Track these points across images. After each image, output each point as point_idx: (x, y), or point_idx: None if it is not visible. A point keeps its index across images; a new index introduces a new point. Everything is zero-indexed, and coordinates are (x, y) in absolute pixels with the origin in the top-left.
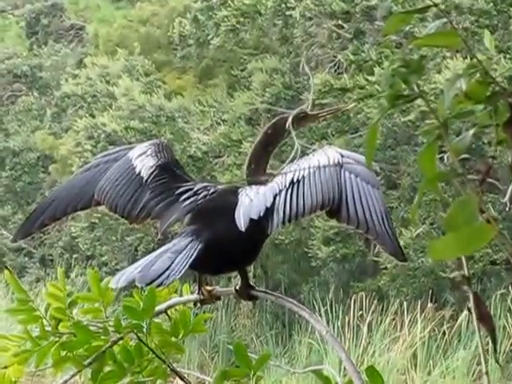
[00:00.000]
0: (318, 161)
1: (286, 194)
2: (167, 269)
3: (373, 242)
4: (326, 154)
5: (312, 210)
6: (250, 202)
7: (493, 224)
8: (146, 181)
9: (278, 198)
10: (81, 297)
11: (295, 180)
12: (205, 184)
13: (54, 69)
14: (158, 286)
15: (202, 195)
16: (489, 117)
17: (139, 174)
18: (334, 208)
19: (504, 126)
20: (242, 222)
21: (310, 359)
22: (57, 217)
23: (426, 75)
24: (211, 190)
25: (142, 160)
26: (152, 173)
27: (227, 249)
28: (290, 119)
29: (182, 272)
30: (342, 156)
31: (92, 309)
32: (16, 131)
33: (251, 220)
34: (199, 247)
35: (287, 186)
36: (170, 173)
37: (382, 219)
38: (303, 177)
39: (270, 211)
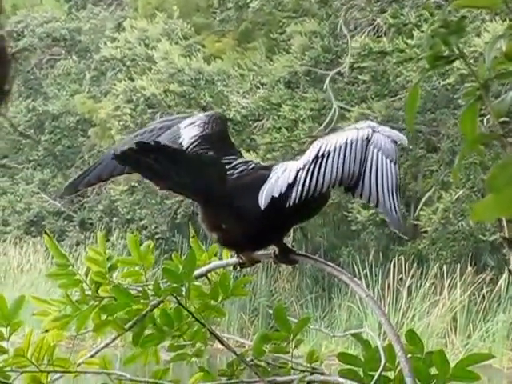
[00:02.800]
0: (346, 136)
1: (308, 169)
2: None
3: (380, 214)
4: (357, 129)
5: (330, 185)
6: (275, 180)
7: None
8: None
9: (300, 173)
10: (121, 261)
11: (319, 155)
12: (246, 159)
13: (93, 32)
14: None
15: (239, 170)
16: None
17: (181, 143)
18: (352, 183)
19: None
20: (262, 201)
21: (350, 323)
22: (103, 178)
23: (465, 38)
24: (251, 166)
25: (188, 130)
26: (193, 143)
27: (251, 223)
28: None
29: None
30: (374, 131)
31: (132, 272)
32: (55, 95)
33: (273, 197)
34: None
35: (310, 161)
36: (213, 145)
37: (392, 195)
38: (328, 152)
39: (290, 187)
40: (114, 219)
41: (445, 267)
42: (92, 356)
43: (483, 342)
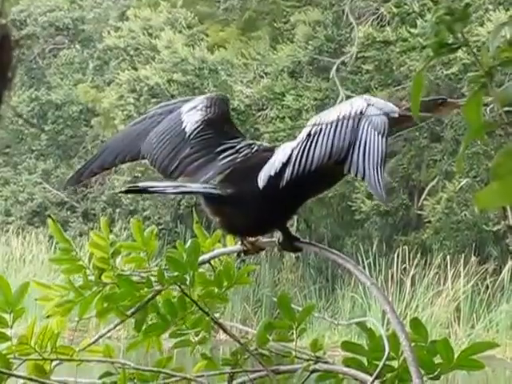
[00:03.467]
0: (339, 112)
1: (301, 147)
2: (173, 186)
3: (367, 188)
4: (351, 105)
5: (321, 161)
6: (273, 160)
7: None
8: (189, 136)
9: (293, 151)
10: (124, 245)
11: (311, 133)
12: (249, 142)
13: (97, 21)
14: (156, 192)
15: (243, 153)
16: None
17: (184, 129)
18: (341, 159)
19: None
20: (260, 180)
21: (353, 313)
22: (105, 166)
23: (468, 27)
24: (254, 149)
25: (191, 114)
26: (196, 128)
27: (253, 206)
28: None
29: (184, 190)
30: (368, 106)
31: (136, 258)
32: (58, 84)
33: (271, 177)
34: (217, 192)
35: (304, 138)
36: (216, 129)
37: (377, 167)
38: (320, 130)
39: (284, 166)
40: (117, 210)
41: (448, 257)
42: (95, 342)
43: (487, 332)
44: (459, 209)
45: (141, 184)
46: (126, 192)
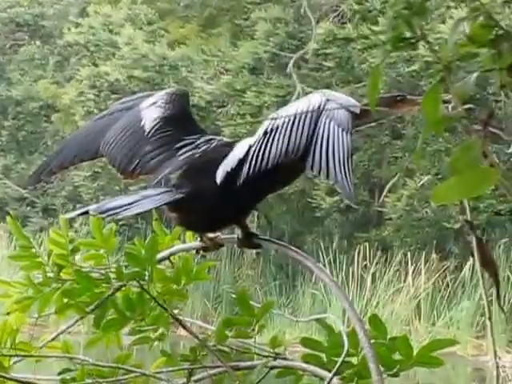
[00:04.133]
0: (297, 107)
1: (258, 144)
2: (125, 205)
3: (332, 186)
4: (309, 100)
5: (277, 158)
6: (231, 156)
7: (496, 168)
8: (148, 134)
9: (251, 148)
10: (83, 243)
11: (268, 130)
12: (209, 137)
13: (57, 17)
14: (109, 216)
15: (202, 149)
16: (492, 61)
17: (143, 126)
18: (303, 154)
19: (508, 70)
20: (218, 177)
21: (314, 310)
22: (65, 165)
23: (429, 25)
24: (213, 144)
25: (150, 111)
26: (155, 125)
27: (209, 203)
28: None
29: (139, 211)
30: (328, 100)
31: (94, 255)
32: (18, 80)
33: (228, 174)
34: (175, 196)
35: (261, 135)
36: (175, 125)
37: (343, 165)
38: (277, 126)
39: (242, 163)
40: (78, 205)
41: (409, 254)
42: (54, 338)
43: (447, 330)
44: (420, 206)
45: (91, 208)
46: (79, 215)
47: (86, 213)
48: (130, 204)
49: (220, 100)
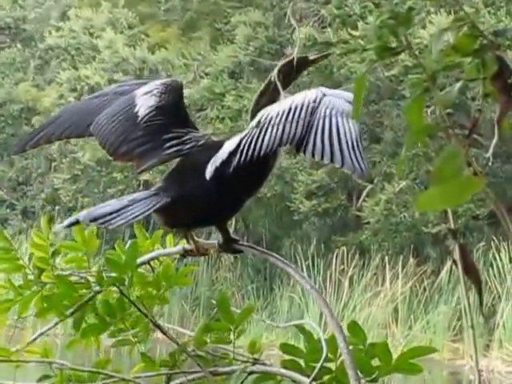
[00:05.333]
0: (291, 101)
1: (250, 134)
2: (114, 212)
3: (341, 168)
4: (305, 94)
5: (271, 146)
6: (221, 152)
7: (480, 176)
8: (141, 120)
9: (243, 140)
10: (64, 246)
11: (261, 122)
12: (198, 134)
13: (38, 21)
14: (101, 224)
15: (188, 146)
16: (476, 70)
17: (137, 112)
18: (299, 143)
19: (492, 79)
20: (208, 172)
21: (291, 313)
22: (52, 139)
23: (410, 30)
24: (200, 142)
25: (145, 99)
26: (148, 113)
27: (196, 203)
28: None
29: (129, 219)
30: (324, 95)
31: (75, 258)
32: None
33: (217, 169)
34: (162, 201)
35: (253, 126)
36: (167, 115)
37: (352, 146)
38: (270, 118)
39: (232, 155)
40: (57, 207)
41: (387, 258)
42: (33, 340)
43: (424, 334)
44: (398, 210)
45: (81, 217)
46: (69, 226)
47: (77, 222)
48: (119, 210)
49: (199, 103)
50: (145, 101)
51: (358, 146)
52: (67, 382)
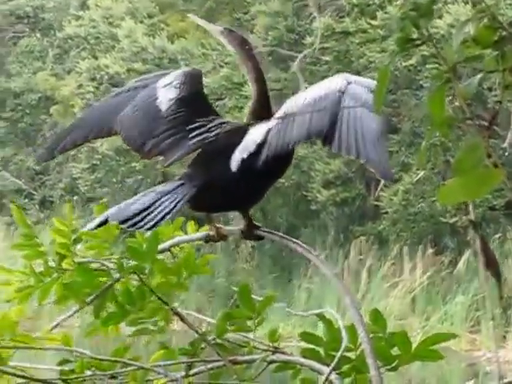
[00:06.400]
0: (316, 91)
1: (277, 127)
2: (144, 210)
3: (365, 165)
4: (329, 83)
5: (299, 139)
6: (246, 142)
7: (500, 168)
8: (163, 114)
9: (270, 132)
10: (85, 233)
11: (288, 113)
12: (222, 121)
13: (57, 10)
14: (131, 227)
15: (214, 133)
16: (496, 62)
17: (158, 106)
18: (327, 135)
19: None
20: (234, 163)
21: (309, 304)
22: (78, 142)
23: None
24: (226, 129)
25: (165, 91)
26: (170, 106)
27: (222, 191)
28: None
29: (158, 221)
30: (349, 83)
31: (96, 245)
32: (18, 72)
33: (244, 160)
34: (189, 192)
35: (280, 117)
36: (190, 106)
37: (375, 143)
38: (296, 109)
39: (260, 147)
40: (75, 197)
41: (405, 248)
42: (55, 327)
43: (441, 324)
44: (416, 200)
45: (110, 217)
46: (98, 226)
47: (105, 222)
48: (148, 208)
49: (218, 93)
50: (166, 93)
51: (380, 144)
52: (87, 369)
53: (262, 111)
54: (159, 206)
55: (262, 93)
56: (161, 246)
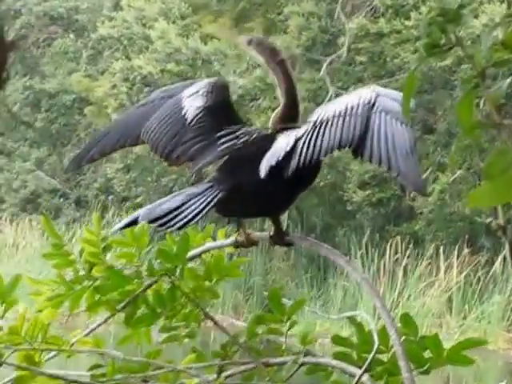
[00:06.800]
0: (347, 102)
1: (307, 136)
2: (173, 210)
3: (395, 179)
4: (359, 94)
5: (329, 150)
6: (275, 150)
7: None
8: (190, 122)
9: (299, 141)
10: (115, 241)
11: (318, 122)
12: (249, 129)
13: (91, 11)
14: (160, 227)
15: (242, 140)
16: None
17: (185, 115)
18: (356, 147)
19: None
20: (262, 170)
21: (345, 302)
22: (106, 152)
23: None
24: (254, 136)
25: (192, 100)
26: (197, 114)
27: (250, 196)
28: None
29: (187, 222)
30: (378, 95)
31: (126, 253)
32: (52, 73)
33: (272, 167)
34: (219, 195)
35: (310, 128)
36: (217, 115)
37: (407, 156)
38: (327, 119)
39: (290, 155)
40: (110, 197)
41: (441, 248)
42: (88, 334)
43: (478, 323)
44: (452, 200)
45: (141, 217)
46: (127, 226)
47: (135, 222)
48: (177, 208)
49: (252, 94)
50: (192, 102)
51: (413, 156)
52: (118, 373)
53: (290, 119)
54: (189, 206)
55: (292, 103)
56: (192, 253)
